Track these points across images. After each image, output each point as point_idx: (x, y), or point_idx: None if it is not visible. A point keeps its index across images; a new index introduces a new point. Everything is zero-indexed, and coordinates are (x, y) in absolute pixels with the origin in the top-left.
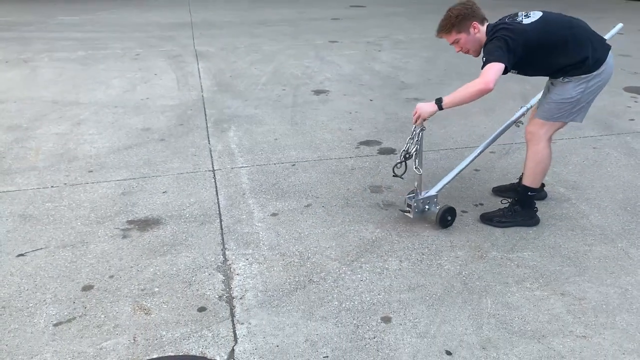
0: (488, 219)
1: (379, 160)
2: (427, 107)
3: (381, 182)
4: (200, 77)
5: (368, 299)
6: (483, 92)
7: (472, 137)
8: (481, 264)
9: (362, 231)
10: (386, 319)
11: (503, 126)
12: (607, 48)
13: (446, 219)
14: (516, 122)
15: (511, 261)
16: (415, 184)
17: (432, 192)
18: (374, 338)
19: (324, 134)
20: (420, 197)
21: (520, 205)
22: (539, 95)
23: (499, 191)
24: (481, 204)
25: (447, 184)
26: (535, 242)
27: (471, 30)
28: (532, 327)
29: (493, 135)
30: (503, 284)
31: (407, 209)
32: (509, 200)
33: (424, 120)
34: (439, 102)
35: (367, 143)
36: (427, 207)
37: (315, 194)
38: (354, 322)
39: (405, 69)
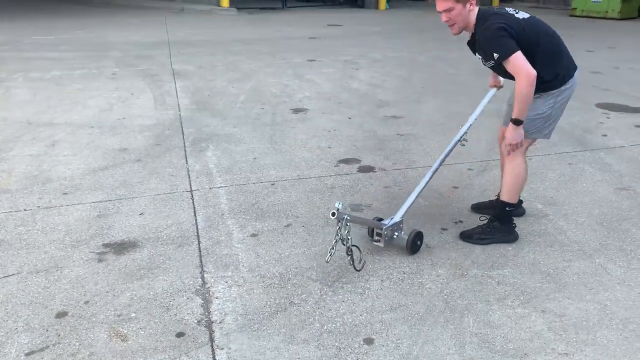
0: (468, 236)
1: (359, 179)
2: (516, 133)
3: (361, 200)
4: (177, 96)
5: (350, 320)
6: (533, 82)
7: (450, 154)
8: (462, 282)
9: (343, 250)
10: (368, 341)
11: (450, 146)
12: (575, 67)
13: (417, 244)
14: (460, 141)
15: (492, 279)
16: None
17: (397, 218)
18: None
19: (303, 152)
20: (387, 224)
21: (499, 221)
22: (479, 111)
23: (477, 208)
24: (460, 221)
25: (408, 208)
26: (515, 259)
27: (467, 5)
28: (514, 346)
29: (442, 155)
30: (484, 302)
31: (377, 238)
32: (487, 217)
33: (519, 144)
34: (517, 122)
35: (346, 161)
36: (395, 234)
37: (295, 214)
38: (336, 344)
39: (383, 86)
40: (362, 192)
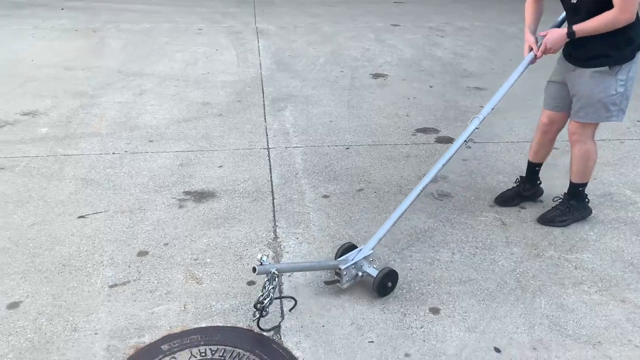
0: (549, 220)
1: (436, 149)
2: (558, 37)
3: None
4: (259, 54)
5: (417, 288)
6: (623, 24)
7: (534, 131)
8: (537, 262)
9: (414, 220)
10: (434, 310)
11: (453, 147)
12: None
13: (386, 285)
14: (466, 142)
15: (569, 262)
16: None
17: (366, 250)
18: (421, 328)
19: (380, 118)
20: (351, 260)
21: (575, 199)
22: (491, 105)
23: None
24: (540, 201)
25: (381, 238)
26: (596, 245)
27: None
28: (587, 332)
29: (439, 163)
30: (559, 285)
31: (336, 277)
32: (561, 198)
33: (554, 52)
34: (572, 35)
35: (424, 130)
36: (359, 273)
37: (368, 179)
38: (402, 310)
39: (468, 56)
40: None
